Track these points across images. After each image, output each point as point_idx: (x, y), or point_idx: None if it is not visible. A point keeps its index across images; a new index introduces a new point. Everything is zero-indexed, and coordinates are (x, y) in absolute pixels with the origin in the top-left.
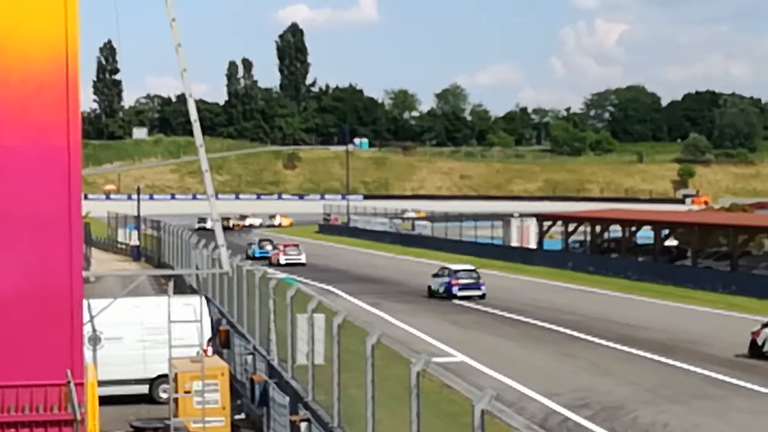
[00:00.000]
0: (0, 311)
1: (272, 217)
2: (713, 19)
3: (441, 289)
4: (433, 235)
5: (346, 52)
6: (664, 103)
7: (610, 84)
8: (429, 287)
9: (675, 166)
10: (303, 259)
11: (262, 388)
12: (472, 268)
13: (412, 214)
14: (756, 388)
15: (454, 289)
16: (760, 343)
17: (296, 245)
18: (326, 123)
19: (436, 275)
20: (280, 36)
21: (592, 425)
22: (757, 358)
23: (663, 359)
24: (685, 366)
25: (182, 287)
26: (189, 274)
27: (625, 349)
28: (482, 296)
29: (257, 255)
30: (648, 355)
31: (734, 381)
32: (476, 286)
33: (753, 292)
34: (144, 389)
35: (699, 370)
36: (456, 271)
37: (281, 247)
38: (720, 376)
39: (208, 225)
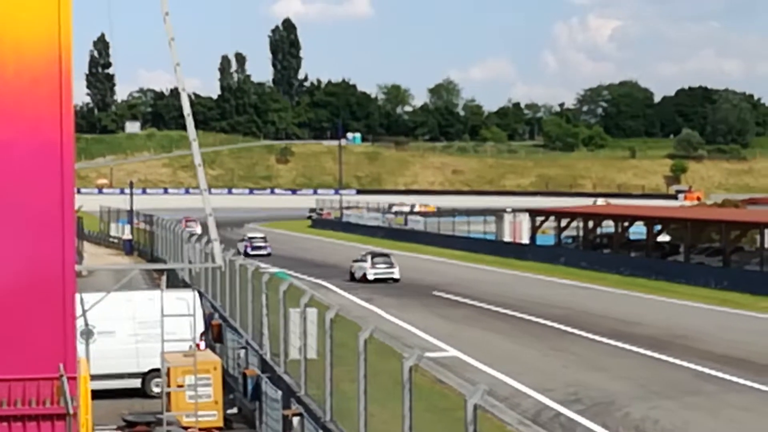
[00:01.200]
0: None
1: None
2: (706, 15)
3: (358, 274)
4: (426, 230)
5: (339, 47)
6: (657, 98)
7: (603, 79)
8: (351, 272)
9: (668, 162)
10: (397, 274)
11: (255, 383)
12: (387, 253)
13: (419, 209)
14: (748, 383)
15: (369, 274)
16: None
17: (387, 255)
18: (319, 117)
19: (356, 260)
20: (273, 30)
21: (584, 420)
22: None
23: (655, 355)
24: (677, 361)
25: (175, 281)
26: (182, 268)
27: (618, 344)
28: (396, 280)
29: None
30: (640, 350)
31: (726, 377)
32: (390, 272)
33: (745, 287)
34: (136, 383)
35: (691, 365)
36: (373, 256)
37: (368, 259)
38: (712, 372)
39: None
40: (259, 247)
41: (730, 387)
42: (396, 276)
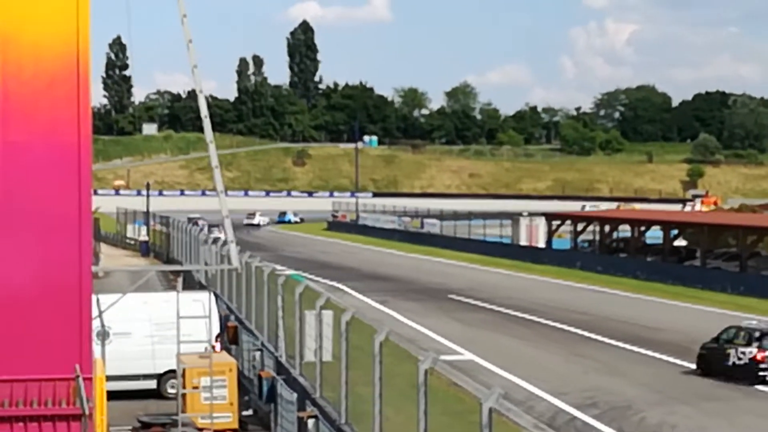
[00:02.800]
0: (9, 306)
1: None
2: (723, 20)
3: None
4: (442, 234)
5: (356, 50)
6: (674, 103)
7: (620, 84)
8: None
9: (684, 167)
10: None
11: (270, 385)
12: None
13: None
14: (766, 390)
15: None
16: None
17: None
18: (336, 120)
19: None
20: (291, 33)
21: (599, 425)
22: None
23: (674, 360)
24: (694, 367)
25: (191, 283)
26: (198, 270)
27: (634, 349)
28: None
29: None
30: (659, 355)
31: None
32: None
33: (762, 293)
34: (152, 384)
35: None
36: None
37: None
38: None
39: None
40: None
41: (748, 393)
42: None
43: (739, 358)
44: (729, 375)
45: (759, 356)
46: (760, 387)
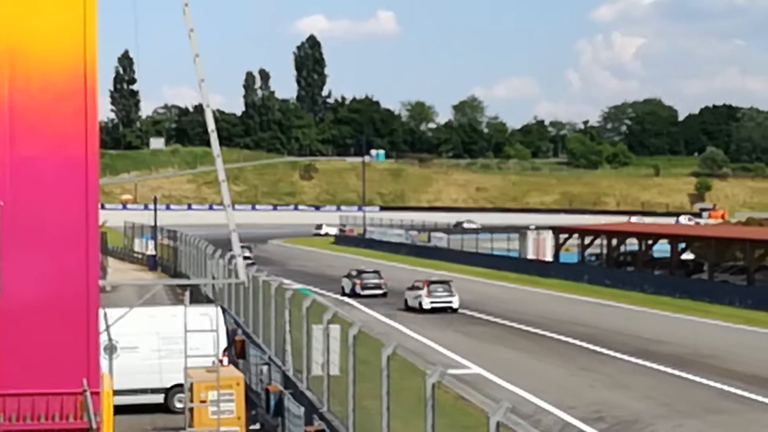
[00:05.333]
0: (17, 319)
1: None
2: (730, 33)
3: (347, 289)
4: (449, 247)
5: (363, 64)
6: (681, 116)
7: (627, 97)
8: (342, 287)
9: (692, 180)
10: (456, 303)
11: (277, 399)
12: (377, 271)
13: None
14: None
15: (357, 289)
16: None
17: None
18: (343, 134)
19: (346, 276)
20: (298, 47)
21: None
22: None
23: (680, 373)
24: (701, 380)
25: (198, 297)
26: (205, 284)
27: (641, 362)
28: (384, 294)
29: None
30: (665, 369)
31: (751, 396)
32: (379, 287)
33: None
34: (159, 399)
35: (715, 384)
36: (360, 273)
37: (422, 285)
38: (737, 391)
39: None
40: (375, 285)
41: (755, 406)
42: (381, 292)
43: None
44: None
45: None
46: (766, 400)
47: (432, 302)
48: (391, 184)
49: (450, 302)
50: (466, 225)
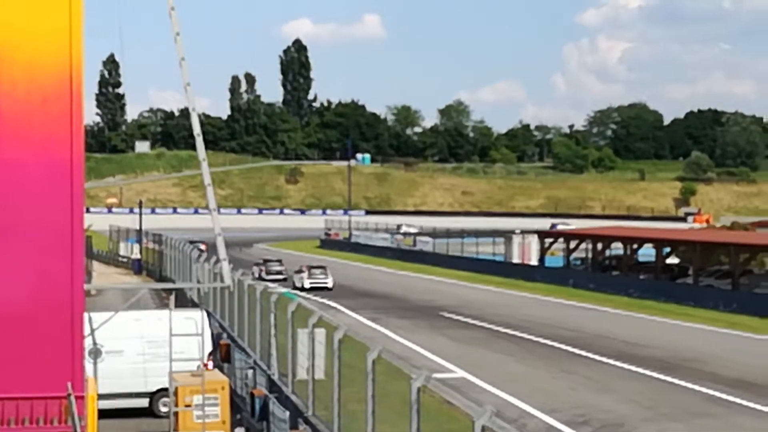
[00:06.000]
0: (1, 323)
1: None
2: (716, 37)
3: (297, 283)
4: (435, 251)
5: (349, 68)
6: (667, 121)
7: (613, 101)
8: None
9: (677, 184)
10: (330, 283)
11: (263, 403)
12: (279, 260)
13: (410, 229)
14: (757, 407)
15: (263, 275)
16: None
17: (324, 267)
18: (329, 138)
19: (296, 272)
20: (284, 51)
21: None
22: None
23: (664, 377)
24: (685, 384)
25: (183, 301)
26: (190, 287)
27: (626, 366)
28: (284, 279)
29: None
30: (649, 372)
31: (735, 399)
32: (280, 272)
33: (754, 310)
34: (144, 403)
35: (700, 388)
36: (266, 261)
37: (304, 269)
38: (721, 395)
39: (402, 230)
40: (277, 272)
41: (738, 410)
42: (329, 285)
43: None
44: None
45: None
46: (750, 404)
47: (311, 282)
48: (377, 188)
49: (326, 283)
50: (404, 229)
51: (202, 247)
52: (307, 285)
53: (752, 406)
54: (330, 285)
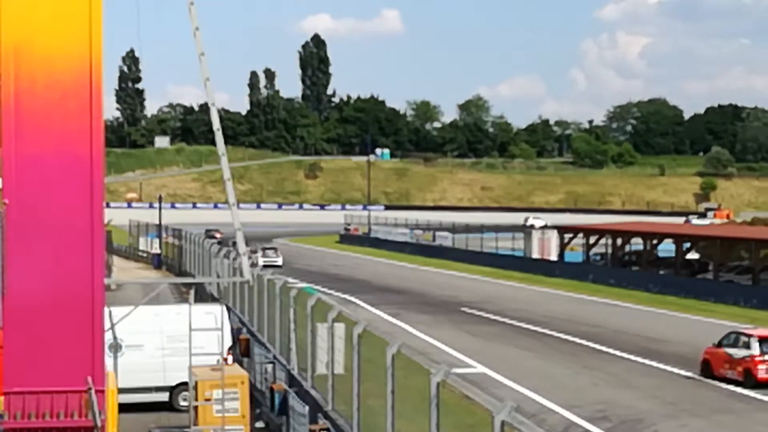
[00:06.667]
0: (22, 318)
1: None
2: (736, 32)
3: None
4: (454, 246)
5: (368, 63)
6: (687, 116)
7: (632, 97)
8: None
9: (697, 180)
10: (280, 262)
11: (282, 397)
12: (275, 247)
13: (538, 221)
14: None
15: (260, 261)
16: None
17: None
18: (348, 133)
19: (251, 251)
20: (303, 46)
21: None
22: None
23: (684, 373)
24: (706, 380)
25: (203, 296)
26: (210, 282)
27: (646, 362)
28: (280, 266)
29: None
30: (669, 368)
31: (757, 396)
32: (275, 260)
33: None
34: (164, 397)
35: (721, 384)
36: (264, 249)
37: (258, 249)
38: (742, 390)
39: (529, 222)
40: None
41: (760, 406)
42: (279, 263)
43: (737, 362)
44: (728, 378)
45: (757, 361)
46: (763, 397)
47: (264, 261)
48: (396, 184)
49: (276, 261)
50: (531, 222)
51: (218, 236)
52: (260, 263)
53: None
54: (280, 263)
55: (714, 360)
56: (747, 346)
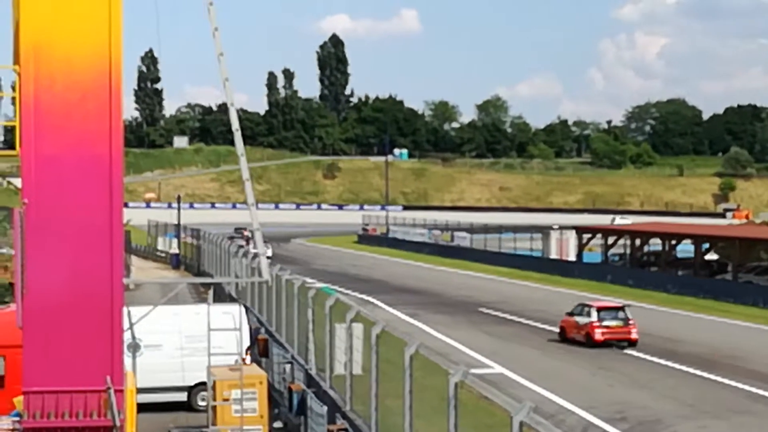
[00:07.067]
0: (42, 318)
1: None
2: (754, 32)
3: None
4: (472, 247)
5: (386, 63)
6: (705, 116)
7: (651, 97)
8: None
9: (716, 180)
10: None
11: (300, 397)
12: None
13: (624, 221)
14: None
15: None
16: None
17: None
18: (366, 133)
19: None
20: (321, 46)
21: None
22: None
23: (703, 374)
24: (725, 381)
25: (221, 296)
26: (228, 282)
27: (665, 363)
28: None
29: None
30: (688, 369)
31: None
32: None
33: None
34: (182, 397)
35: (740, 385)
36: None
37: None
38: (762, 392)
39: (616, 222)
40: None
41: None
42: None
43: (581, 327)
44: (576, 340)
45: (595, 326)
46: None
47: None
48: (414, 184)
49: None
50: (618, 222)
51: (246, 233)
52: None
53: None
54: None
55: (567, 326)
56: (588, 314)
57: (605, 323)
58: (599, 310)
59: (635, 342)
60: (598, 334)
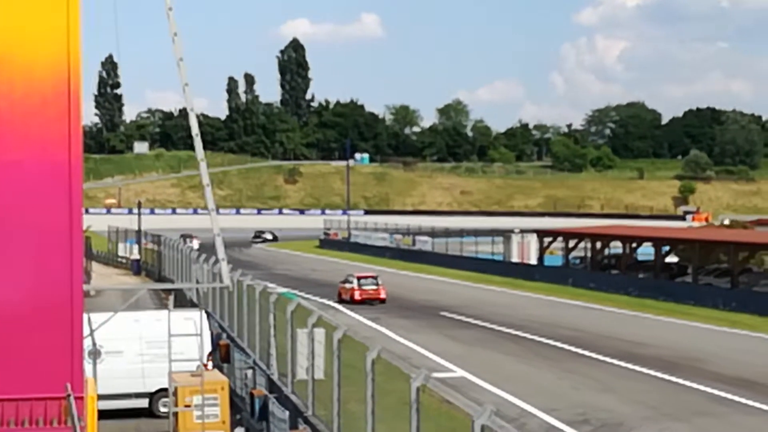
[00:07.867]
0: (0, 324)
1: None
2: (714, 36)
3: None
4: (434, 251)
5: (347, 67)
6: (665, 119)
7: (611, 100)
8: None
9: (676, 183)
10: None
11: (262, 403)
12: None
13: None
14: (760, 405)
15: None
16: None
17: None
18: (327, 138)
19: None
20: (282, 51)
21: None
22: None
23: (665, 376)
24: (687, 383)
25: (182, 301)
26: (189, 288)
27: (627, 365)
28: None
29: None
30: (649, 372)
31: (737, 399)
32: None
33: (754, 309)
34: (144, 403)
35: (702, 387)
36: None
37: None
38: (723, 394)
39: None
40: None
41: (740, 409)
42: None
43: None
44: (345, 300)
45: (355, 289)
46: (752, 402)
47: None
48: (376, 188)
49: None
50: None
51: (195, 242)
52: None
53: (754, 405)
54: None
55: (341, 291)
56: (352, 282)
57: (363, 287)
58: (359, 278)
59: (384, 300)
60: (357, 295)
